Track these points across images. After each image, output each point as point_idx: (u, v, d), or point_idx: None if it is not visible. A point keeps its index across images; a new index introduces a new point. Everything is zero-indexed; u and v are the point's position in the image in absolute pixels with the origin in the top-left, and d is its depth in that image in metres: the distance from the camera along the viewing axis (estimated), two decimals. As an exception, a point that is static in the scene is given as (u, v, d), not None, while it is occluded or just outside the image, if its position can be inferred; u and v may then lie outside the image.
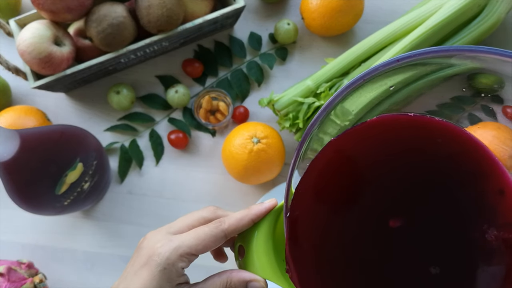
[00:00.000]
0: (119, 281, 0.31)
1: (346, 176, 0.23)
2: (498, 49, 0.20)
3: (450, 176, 0.22)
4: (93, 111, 0.61)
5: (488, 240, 0.21)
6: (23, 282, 0.49)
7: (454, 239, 0.22)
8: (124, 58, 0.56)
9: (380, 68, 0.21)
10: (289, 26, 0.60)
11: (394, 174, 0.23)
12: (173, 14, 0.52)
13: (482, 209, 0.22)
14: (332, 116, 0.23)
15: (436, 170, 0.22)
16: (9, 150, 0.37)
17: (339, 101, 0.22)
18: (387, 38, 0.55)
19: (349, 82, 0.22)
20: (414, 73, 0.24)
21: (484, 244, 0.21)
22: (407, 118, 0.23)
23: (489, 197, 0.22)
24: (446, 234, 0.22)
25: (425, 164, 0.23)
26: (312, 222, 0.25)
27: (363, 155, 0.23)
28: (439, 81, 0.26)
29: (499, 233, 0.21)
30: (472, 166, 0.22)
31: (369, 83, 0.22)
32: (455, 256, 0.22)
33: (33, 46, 0.49)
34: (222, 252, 0.38)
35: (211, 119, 0.59)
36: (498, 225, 0.22)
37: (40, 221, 0.56)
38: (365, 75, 0.21)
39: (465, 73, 0.24)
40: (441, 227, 0.22)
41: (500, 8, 0.54)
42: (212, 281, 0.31)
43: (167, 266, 0.30)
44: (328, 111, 0.22)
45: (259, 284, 0.31)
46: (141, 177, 0.59)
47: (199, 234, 0.31)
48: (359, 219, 0.23)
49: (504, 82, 0.22)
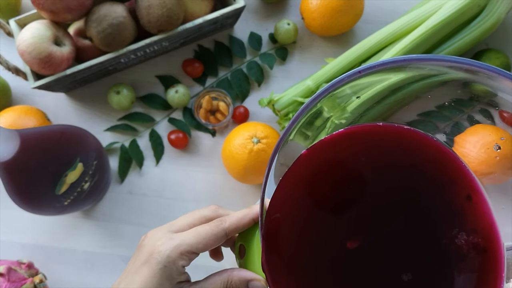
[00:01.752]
0: (120, 279, 0.31)
1: (318, 189, 0.24)
2: (462, 59, 0.19)
3: (419, 185, 0.23)
4: (93, 111, 0.61)
5: (458, 245, 0.21)
6: (23, 282, 0.49)
7: (425, 245, 0.22)
8: (124, 58, 0.56)
9: (346, 78, 0.21)
10: (289, 26, 0.60)
11: (364, 187, 0.23)
12: (173, 14, 0.52)
13: (451, 215, 0.22)
14: (303, 129, 0.24)
15: (406, 180, 0.23)
16: (9, 150, 0.37)
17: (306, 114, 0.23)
18: (387, 38, 0.55)
19: (312, 98, 0.22)
20: (407, 77, 0.25)
21: (455, 250, 0.22)
22: (376, 128, 0.24)
23: (458, 203, 0.22)
24: (417, 241, 0.22)
25: (394, 175, 0.23)
26: (288, 230, 0.25)
27: (332, 168, 0.24)
28: (435, 85, 0.26)
29: (469, 238, 0.21)
30: (441, 174, 0.23)
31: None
32: (426, 262, 0.22)
33: (33, 46, 0.49)
34: (219, 251, 0.38)
35: (211, 119, 0.59)
36: (467, 230, 0.22)
37: (40, 221, 0.56)
38: (329, 87, 0.21)
39: (458, 80, 0.24)
40: (412, 235, 0.23)
41: (500, 8, 0.54)
42: (213, 279, 0.31)
43: (167, 264, 0.30)
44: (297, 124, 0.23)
45: (260, 284, 0.31)
46: (141, 177, 0.59)
47: (200, 232, 0.31)
48: (330, 230, 0.24)
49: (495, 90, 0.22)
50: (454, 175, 0.22)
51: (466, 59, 0.20)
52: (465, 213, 0.22)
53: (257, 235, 0.33)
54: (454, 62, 0.20)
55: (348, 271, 0.23)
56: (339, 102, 0.26)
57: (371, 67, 0.20)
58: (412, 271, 0.21)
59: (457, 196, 0.22)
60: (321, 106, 0.23)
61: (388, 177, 0.22)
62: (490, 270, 0.22)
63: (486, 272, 0.22)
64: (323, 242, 0.24)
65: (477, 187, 0.22)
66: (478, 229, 0.22)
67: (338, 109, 0.31)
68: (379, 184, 0.22)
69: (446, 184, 0.23)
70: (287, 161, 0.26)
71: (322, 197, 0.24)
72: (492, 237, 0.22)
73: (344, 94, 0.24)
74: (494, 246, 0.22)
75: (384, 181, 0.22)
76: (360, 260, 0.23)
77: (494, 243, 0.22)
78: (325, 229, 0.24)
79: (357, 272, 0.23)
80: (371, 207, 0.22)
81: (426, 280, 0.22)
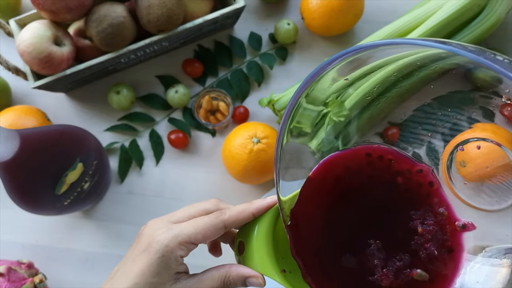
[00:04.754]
0: (118, 267, 0.32)
1: (330, 200, 0.33)
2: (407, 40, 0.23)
3: (395, 182, 0.32)
4: (93, 111, 0.61)
5: (419, 224, 0.31)
6: (23, 282, 0.49)
7: (395, 223, 0.32)
8: (124, 58, 0.56)
9: (314, 76, 0.26)
10: (289, 26, 0.60)
11: (359, 197, 0.32)
12: (173, 14, 0.52)
13: (419, 199, 0.31)
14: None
15: (384, 182, 0.32)
16: (9, 150, 0.37)
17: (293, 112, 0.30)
18: (387, 38, 0.55)
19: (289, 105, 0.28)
20: (401, 67, 0.30)
21: (416, 230, 0.31)
22: (350, 152, 0.33)
23: (424, 189, 0.31)
24: (392, 223, 0.32)
25: (377, 182, 0.32)
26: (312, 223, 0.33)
27: (335, 189, 0.33)
28: (435, 76, 0.28)
29: (431, 217, 0.31)
30: (408, 168, 0.32)
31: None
32: (394, 235, 0.31)
33: (33, 46, 0.49)
34: (218, 246, 0.38)
35: (211, 119, 0.59)
36: (431, 210, 0.31)
37: (40, 221, 0.56)
38: (308, 80, 0.27)
39: (453, 68, 0.28)
40: (389, 217, 0.32)
41: (500, 8, 0.54)
42: (210, 273, 0.32)
43: (165, 254, 0.30)
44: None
45: (257, 281, 0.31)
46: (141, 177, 0.59)
47: (198, 223, 0.31)
48: (343, 220, 0.33)
49: (502, 78, 0.24)
50: (419, 167, 0.32)
51: (433, 39, 0.22)
52: (429, 196, 0.31)
53: (257, 232, 0.33)
54: (421, 45, 0.22)
55: (347, 235, 0.32)
56: (335, 96, 0.33)
57: (337, 57, 0.24)
58: (381, 239, 0.31)
59: (424, 183, 0.31)
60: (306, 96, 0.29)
61: (372, 185, 0.31)
62: (448, 269, 0.30)
63: (445, 270, 0.30)
64: (336, 222, 0.33)
65: (434, 176, 0.31)
66: (438, 211, 0.31)
67: (336, 104, 0.32)
68: (368, 192, 0.32)
69: (414, 175, 0.31)
70: (292, 156, 0.33)
71: (333, 200, 0.33)
72: (459, 241, 0.30)
73: (326, 86, 0.30)
74: (459, 250, 0.30)
75: (371, 189, 0.32)
76: (355, 228, 0.33)
77: (460, 246, 0.30)
78: (338, 218, 0.33)
79: (352, 233, 0.32)
80: (364, 204, 0.32)
81: (390, 247, 0.31)
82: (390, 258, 0.30)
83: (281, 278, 0.31)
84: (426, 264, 0.30)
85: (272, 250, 0.32)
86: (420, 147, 0.34)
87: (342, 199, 0.32)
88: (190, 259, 0.32)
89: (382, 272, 0.30)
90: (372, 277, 0.30)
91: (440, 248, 0.30)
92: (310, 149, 0.37)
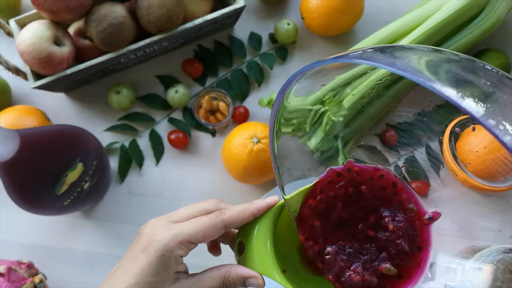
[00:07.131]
0: (117, 266, 0.32)
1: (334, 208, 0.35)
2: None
3: (374, 192, 0.34)
4: (93, 111, 0.61)
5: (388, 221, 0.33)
6: (23, 282, 0.49)
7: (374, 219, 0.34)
8: (124, 58, 0.56)
9: (295, 77, 0.27)
10: (289, 26, 0.60)
11: (352, 203, 0.34)
12: (173, 14, 0.52)
13: (387, 199, 0.34)
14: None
15: (354, 193, 0.34)
16: (9, 150, 0.37)
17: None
18: (387, 38, 0.55)
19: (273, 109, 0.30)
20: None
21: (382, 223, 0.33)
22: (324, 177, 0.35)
23: (389, 189, 0.34)
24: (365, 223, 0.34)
25: (350, 194, 0.34)
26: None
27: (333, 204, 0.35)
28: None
29: (402, 214, 0.33)
30: (370, 176, 0.35)
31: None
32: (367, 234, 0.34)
33: (33, 46, 0.49)
34: (217, 245, 0.38)
35: (211, 119, 0.59)
36: (401, 207, 0.33)
37: (40, 221, 0.56)
38: (285, 86, 0.28)
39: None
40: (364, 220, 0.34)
41: (500, 8, 0.54)
42: (210, 273, 0.32)
43: (165, 253, 0.30)
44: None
45: (257, 281, 0.31)
46: (141, 177, 0.59)
47: (198, 223, 0.31)
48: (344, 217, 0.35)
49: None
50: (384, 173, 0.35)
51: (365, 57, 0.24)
52: (396, 195, 0.34)
53: (257, 232, 0.33)
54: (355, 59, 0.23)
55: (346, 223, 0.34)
56: (332, 94, 0.35)
57: (306, 68, 0.26)
58: (356, 241, 0.33)
59: (388, 184, 0.34)
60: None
61: (348, 200, 0.34)
62: (416, 264, 0.31)
63: (413, 265, 0.32)
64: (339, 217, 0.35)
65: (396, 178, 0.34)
66: (404, 208, 0.33)
67: (334, 103, 0.33)
68: (346, 204, 0.34)
69: (385, 179, 0.35)
70: (290, 155, 0.35)
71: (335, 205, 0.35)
72: (428, 236, 0.32)
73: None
74: (427, 246, 0.32)
75: (347, 202, 0.34)
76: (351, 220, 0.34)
77: (428, 242, 0.32)
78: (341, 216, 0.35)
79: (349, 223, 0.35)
80: (343, 214, 0.34)
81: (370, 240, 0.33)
82: (359, 256, 0.32)
83: (281, 278, 0.31)
84: (396, 260, 0.32)
85: (272, 250, 0.32)
86: (423, 136, 0.35)
87: (327, 213, 0.34)
88: (190, 258, 0.32)
89: (352, 269, 0.32)
90: (343, 277, 0.32)
91: (410, 244, 0.32)
92: (308, 148, 0.37)
